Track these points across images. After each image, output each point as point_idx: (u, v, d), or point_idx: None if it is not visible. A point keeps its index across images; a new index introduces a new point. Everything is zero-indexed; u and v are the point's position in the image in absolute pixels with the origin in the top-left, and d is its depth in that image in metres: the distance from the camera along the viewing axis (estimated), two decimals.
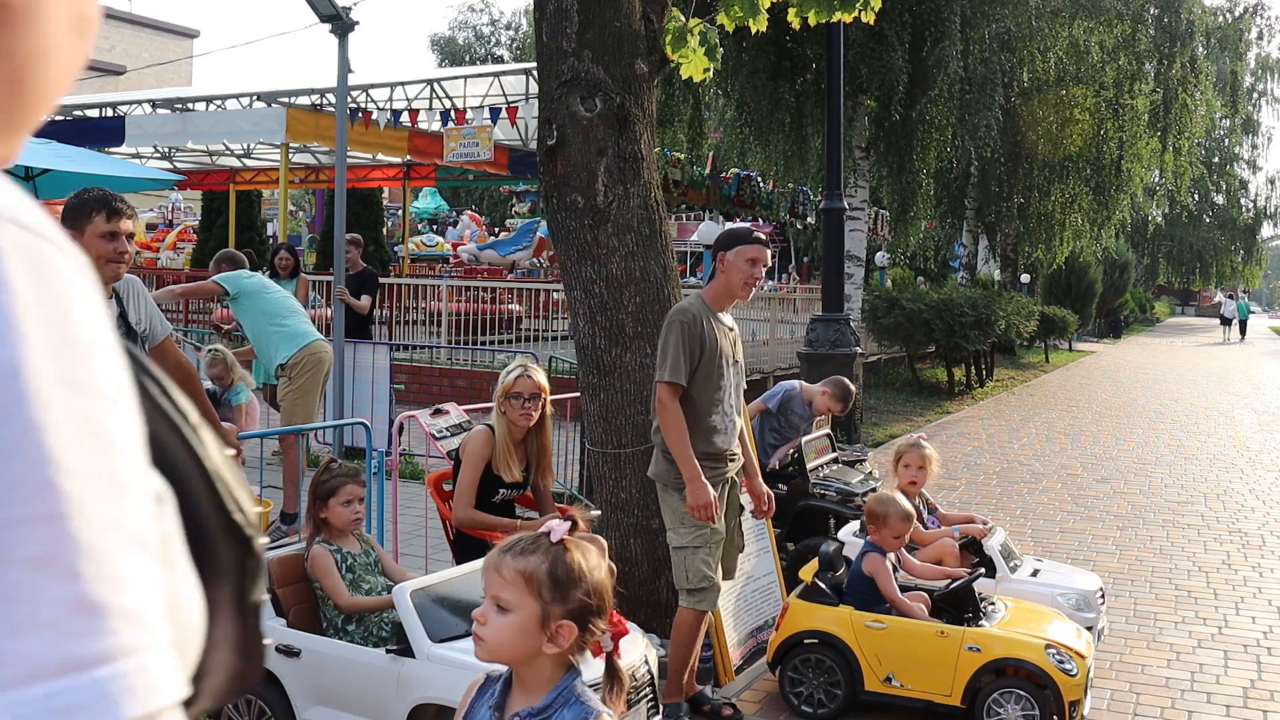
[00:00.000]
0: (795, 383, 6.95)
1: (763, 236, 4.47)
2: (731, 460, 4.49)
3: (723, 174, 18.14)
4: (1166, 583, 6.75)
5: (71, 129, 15.38)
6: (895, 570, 4.72)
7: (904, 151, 17.71)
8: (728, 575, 4.56)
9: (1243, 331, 44.27)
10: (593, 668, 2.06)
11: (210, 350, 7.45)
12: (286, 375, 6.92)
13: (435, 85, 16.24)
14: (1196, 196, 45.78)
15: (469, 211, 33.86)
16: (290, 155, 15.46)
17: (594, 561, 2.09)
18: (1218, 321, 48.37)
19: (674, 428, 4.26)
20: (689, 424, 4.30)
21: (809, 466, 6.31)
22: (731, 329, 4.50)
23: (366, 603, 3.89)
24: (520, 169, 16.96)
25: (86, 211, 3.48)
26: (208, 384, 7.14)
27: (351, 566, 3.99)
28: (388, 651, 3.66)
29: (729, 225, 4.60)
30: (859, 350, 10.93)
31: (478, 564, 4.13)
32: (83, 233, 3.45)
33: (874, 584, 4.62)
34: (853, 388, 6.75)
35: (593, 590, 2.05)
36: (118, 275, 3.53)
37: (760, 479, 4.79)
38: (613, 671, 2.13)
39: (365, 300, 10.04)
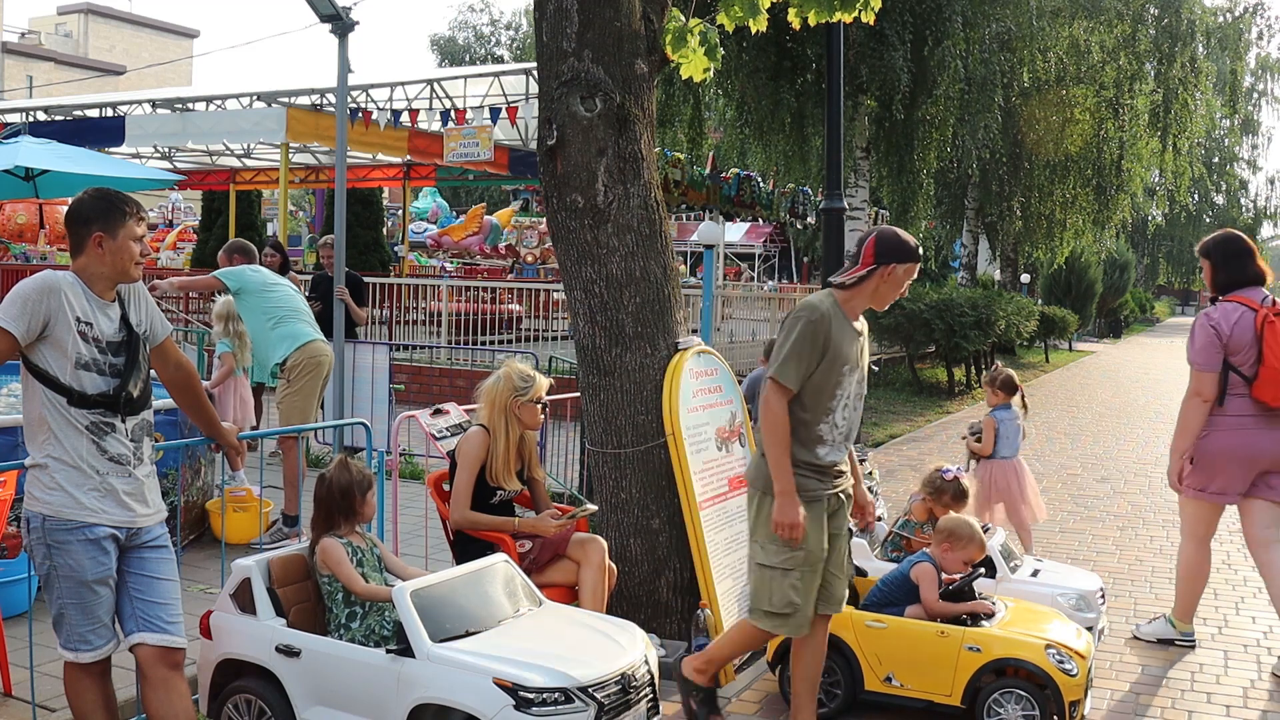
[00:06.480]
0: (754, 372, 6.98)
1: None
2: (838, 477, 4.01)
3: (723, 174, 18.10)
4: (1166, 583, 6.73)
5: (71, 129, 15.40)
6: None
7: (904, 151, 17.72)
8: (835, 604, 4.08)
9: None
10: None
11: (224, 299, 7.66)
12: (285, 377, 6.82)
13: (435, 85, 16.23)
14: (1196, 196, 45.93)
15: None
16: (290, 155, 15.45)
17: None
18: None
19: (775, 431, 3.80)
20: (792, 428, 3.84)
21: None
22: (860, 334, 3.99)
23: (382, 591, 3.89)
24: (520, 169, 16.96)
25: (121, 215, 3.46)
26: (207, 382, 7.14)
27: (360, 561, 4.01)
28: (388, 651, 3.66)
29: (895, 232, 4.11)
30: None
31: (478, 564, 4.15)
32: (115, 236, 3.45)
33: (910, 591, 4.62)
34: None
35: None
36: (138, 277, 3.55)
37: (863, 486, 4.29)
38: None
39: (363, 312, 10.09)
